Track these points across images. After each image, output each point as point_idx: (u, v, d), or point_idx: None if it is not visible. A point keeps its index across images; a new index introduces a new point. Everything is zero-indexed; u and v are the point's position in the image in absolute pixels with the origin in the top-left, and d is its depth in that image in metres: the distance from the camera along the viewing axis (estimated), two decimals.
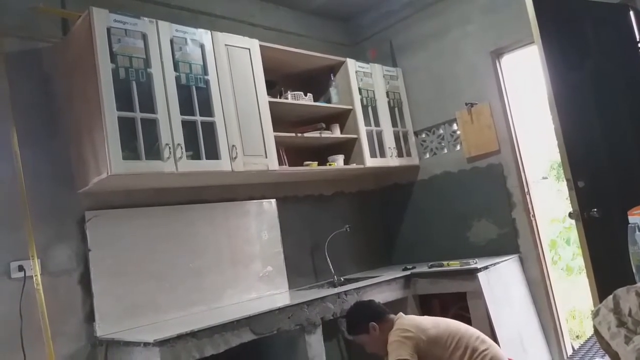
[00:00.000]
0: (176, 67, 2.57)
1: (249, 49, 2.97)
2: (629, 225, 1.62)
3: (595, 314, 0.90)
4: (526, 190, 3.41)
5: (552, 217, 6.22)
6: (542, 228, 3.44)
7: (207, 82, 2.70)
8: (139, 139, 2.38)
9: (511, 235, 3.43)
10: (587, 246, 2.49)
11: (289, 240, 3.41)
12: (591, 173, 2.58)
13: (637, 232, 1.51)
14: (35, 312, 2.31)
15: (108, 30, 2.36)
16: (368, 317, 2.47)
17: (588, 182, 2.54)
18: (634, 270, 1.58)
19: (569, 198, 2.60)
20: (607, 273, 2.43)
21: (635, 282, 1.18)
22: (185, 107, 2.58)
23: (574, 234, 5.77)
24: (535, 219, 3.39)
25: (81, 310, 2.49)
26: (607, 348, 0.87)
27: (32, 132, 2.49)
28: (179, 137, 2.50)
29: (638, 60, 2.85)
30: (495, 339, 2.75)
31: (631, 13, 2.88)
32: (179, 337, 2.16)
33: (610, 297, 0.92)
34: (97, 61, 2.30)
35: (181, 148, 2.49)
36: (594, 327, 0.89)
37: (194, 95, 2.63)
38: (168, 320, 2.67)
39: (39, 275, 2.34)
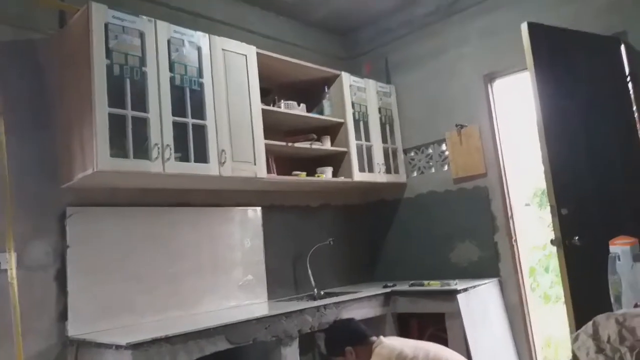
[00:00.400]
0: (171, 68, 2.56)
1: (246, 55, 2.98)
2: (610, 255, 1.64)
3: (575, 339, 0.90)
4: (510, 214, 3.45)
5: (532, 244, 6.28)
6: (523, 254, 3.46)
7: (201, 85, 2.69)
8: (128, 136, 2.36)
9: (493, 259, 3.45)
10: (567, 273, 2.51)
11: (271, 250, 3.39)
12: (575, 201, 2.61)
13: (618, 262, 1.54)
14: (7, 306, 2.25)
15: (106, 26, 2.35)
16: (345, 340, 2.41)
17: (572, 210, 2.58)
18: (612, 300, 1.59)
19: (551, 225, 2.63)
20: (585, 301, 2.45)
21: (613, 311, 1.19)
22: (178, 108, 2.57)
23: (553, 262, 5.83)
24: (517, 244, 3.42)
25: (54, 307, 2.43)
26: None
27: (20, 122, 2.45)
28: (169, 138, 2.48)
29: (627, 92, 2.91)
30: None
31: (622, 47, 2.95)
32: (153, 341, 2.12)
33: (590, 323, 0.92)
34: (92, 56, 2.29)
35: (170, 149, 2.47)
36: (573, 352, 0.89)
37: (187, 97, 2.62)
38: (143, 323, 2.62)
39: (14, 269, 2.28)
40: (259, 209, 3.38)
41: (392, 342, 2.35)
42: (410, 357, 2.19)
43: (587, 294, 2.40)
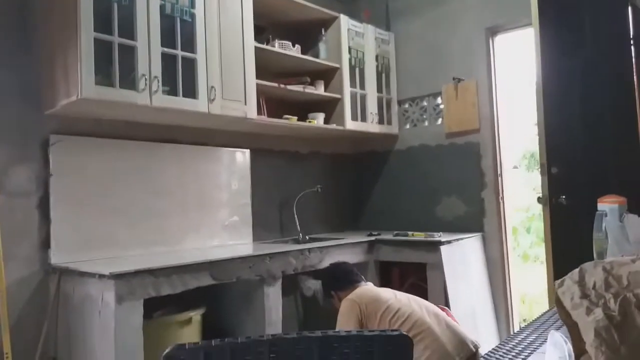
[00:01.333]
0: None
1: None
2: (597, 212, 1.64)
3: (560, 284, 0.90)
4: (499, 172, 3.45)
5: (517, 205, 6.38)
6: (508, 212, 3.50)
7: (192, 16, 2.57)
8: (115, 65, 2.26)
9: (478, 214, 3.49)
10: (551, 231, 2.54)
11: (258, 193, 3.37)
12: (566, 161, 2.61)
13: (605, 218, 1.54)
14: None
15: None
16: (331, 284, 2.48)
17: (561, 169, 2.58)
18: (595, 257, 1.61)
19: (537, 187, 2.64)
20: (565, 259, 2.49)
21: None
22: (167, 38, 2.45)
23: (535, 224, 5.94)
24: (503, 202, 3.45)
25: (37, 235, 2.41)
26: (566, 318, 0.88)
27: (1, 45, 2.33)
28: (157, 70, 2.39)
29: (629, 55, 2.85)
30: None
31: (629, 8, 2.86)
32: (136, 272, 2.12)
33: (577, 270, 0.92)
34: None
35: (158, 81, 2.38)
36: (557, 296, 0.89)
37: (178, 28, 2.51)
38: (127, 256, 2.62)
39: None
40: (247, 151, 3.33)
41: (370, 287, 2.37)
42: (385, 301, 2.19)
43: (568, 252, 2.44)
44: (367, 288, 2.34)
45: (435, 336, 2.05)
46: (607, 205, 1.63)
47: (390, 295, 2.24)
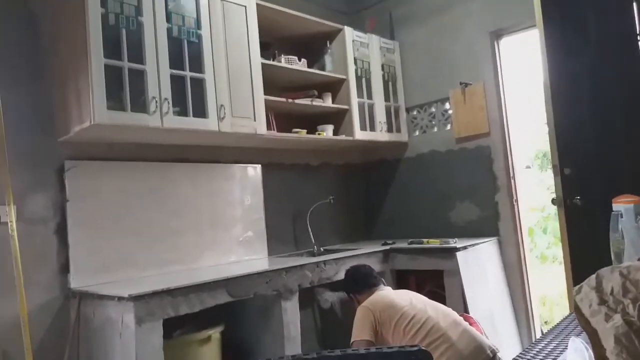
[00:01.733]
0: (168, 18, 2.48)
1: (245, 7, 2.88)
2: (613, 212, 1.63)
3: (578, 291, 0.89)
4: (511, 174, 3.43)
5: (531, 205, 6.32)
6: (523, 214, 3.47)
7: (199, 37, 2.61)
8: (125, 89, 2.31)
9: (492, 218, 3.46)
10: (567, 232, 2.52)
11: (271, 207, 3.39)
12: (578, 161, 2.59)
13: (621, 219, 1.52)
14: (9, 259, 2.26)
15: None
16: (350, 287, 2.53)
17: (574, 170, 2.56)
18: (612, 257, 1.59)
19: (551, 187, 2.62)
20: (583, 260, 2.47)
21: None
22: (175, 60, 2.50)
23: (551, 224, 5.87)
24: (517, 204, 3.42)
25: (56, 260, 2.45)
26: (585, 325, 0.87)
27: (14, 73, 2.39)
28: (167, 92, 2.43)
29: (636, 53, 2.83)
30: None
31: (634, 4, 2.85)
32: (155, 293, 2.14)
33: (594, 276, 0.91)
34: (86, 4, 2.20)
35: (168, 103, 2.42)
36: (575, 303, 0.88)
37: (185, 49, 2.55)
38: (144, 276, 2.65)
39: (14, 222, 2.27)
40: (258, 166, 3.36)
41: (386, 293, 2.37)
42: (400, 308, 2.19)
43: (586, 253, 2.41)
44: (383, 294, 2.34)
45: (451, 342, 2.04)
46: (622, 205, 1.62)
47: (406, 302, 2.23)
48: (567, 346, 0.99)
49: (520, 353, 1.09)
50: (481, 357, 2.03)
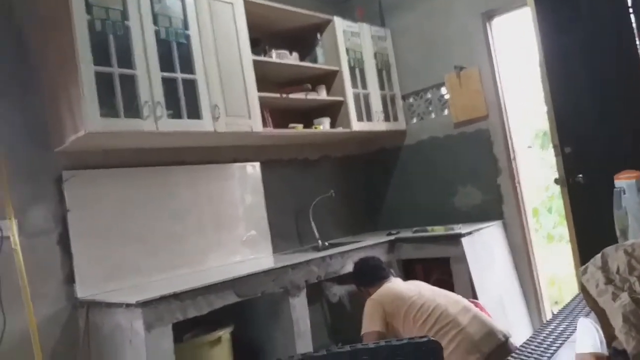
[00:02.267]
0: (155, 21, 2.45)
1: (232, 4, 2.85)
2: (615, 189, 1.61)
3: (584, 272, 0.88)
4: (512, 156, 3.41)
5: (535, 185, 6.29)
6: (526, 195, 3.45)
7: (187, 38, 2.59)
8: (117, 95, 2.29)
9: (496, 202, 3.45)
10: (572, 211, 2.50)
11: (273, 205, 3.38)
12: (578, 139, 2.56)
13: (624, 196, 1.51)
14: (14, 273, 2.25)
15: None
16: (359, 280, 2.54)
17: (575, 148, 2.54)
18: (617, 234, 1.57)
19: (554, 166, 2.60)
20: (589, 238, 2.45)
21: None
22: (165, 63, 2.47)
23: (556, 203, 5.84)
24: (520, 186, 3.40)
25: (60, 271, 2.45)
26: (593, 306, 0.86)
27: (4, 87, 2.38)
28: (159, 95, 2.41)
29: (629, 26, 2.80)
30: None
31: None
32: (162, 298, 2.13)
33: (599, 255, 0.90)
34: (71, 12, 2.18)
35: (161, 106, 2.40)
36: (582, 284, 0.87)
37: (175, 51, 2.53)
38: (150, 282, 2.65)
39: (16, 236, 2.27)
40: (257, 164, 3.34)
41: (394, 284, 2.37)
42: (408, 298, 2.21)
43: (592, 231, 2.39)
44: (391, 286, 2.35)
45: (460, 327, 2.03)
46: (624, 181, 1.60)
47: (414, 292, 2.24)
48: (576, 328, 0.98)
49: (529, 338, 1.07)
50: (493, 342, 2.03)
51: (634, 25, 2.79)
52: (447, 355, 1.97)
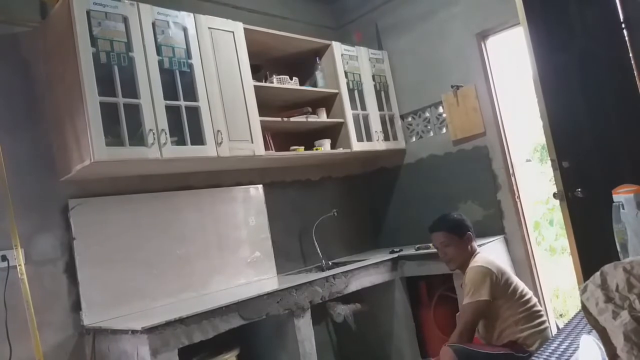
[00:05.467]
0: (159, 51, 2.52)
1: (233, 32, 2.92)
2: (614, 203, 1.64)
3: (583, 291, 0.90)
4: (511, 171, 3.44)
5: (535, 198, 6.31)
6: (526, 209, 3.47)
7: (190, 66, 2.65)
8: (122, 124, 2.34)
9: (496, 217, 3.47)
10: (572, 226, 2.52)
11: (276, 226, 3.40)
12: (576, 153, 2.60)
13: (622, 210, 1.53)
14: (20, 302, 2.28)
15: (88, 13, 2.30)
16: (463, 227, 2.59)
17: (572, 162, 2.57)
18: (618, 249, 1.60)
19: (553, 179, 2.63)
20: (590, 252, 2.47)
21: (620, 260, 1.20)
22: (169, 91, 2.53)
23: (557, 215, 5.85)
24: (520, 200, 3.43)
25: (67, 299, 2.46)
26: (594, 324, 0.88)
27: (11, 119, 2.43)
28: (163, 123, 2.46)
29: (622, 40, 2.86)
30: None
31: None
32: (167, 323, 2.15)
33: (598, 273, 0.92)
34: (77, 45, 2.24)
35: (165, 133, 2.45)
36: (582, 303, 0.90)
37: (178, 80, 2.58)
38: (156, 307, 2.66)
39: (22, 265, 2.30)
40: (260, 186, 3.38)
41: (493, 258, 2.58)
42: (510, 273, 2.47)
43: (592, 245, 2.41)
44: (493, 259, 2.56)
45: (546, 319, 2.38)
46: (623, 196, 1.62)
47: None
48: (579, 345, 1.00)
49: (535, 354, 1.10)
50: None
51: (627, 39, 2.85)
52: (532, 333, 2.25)
